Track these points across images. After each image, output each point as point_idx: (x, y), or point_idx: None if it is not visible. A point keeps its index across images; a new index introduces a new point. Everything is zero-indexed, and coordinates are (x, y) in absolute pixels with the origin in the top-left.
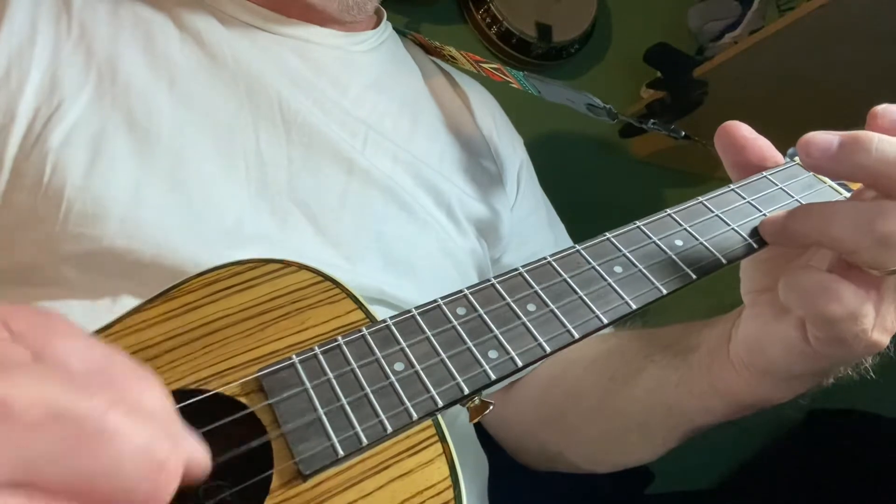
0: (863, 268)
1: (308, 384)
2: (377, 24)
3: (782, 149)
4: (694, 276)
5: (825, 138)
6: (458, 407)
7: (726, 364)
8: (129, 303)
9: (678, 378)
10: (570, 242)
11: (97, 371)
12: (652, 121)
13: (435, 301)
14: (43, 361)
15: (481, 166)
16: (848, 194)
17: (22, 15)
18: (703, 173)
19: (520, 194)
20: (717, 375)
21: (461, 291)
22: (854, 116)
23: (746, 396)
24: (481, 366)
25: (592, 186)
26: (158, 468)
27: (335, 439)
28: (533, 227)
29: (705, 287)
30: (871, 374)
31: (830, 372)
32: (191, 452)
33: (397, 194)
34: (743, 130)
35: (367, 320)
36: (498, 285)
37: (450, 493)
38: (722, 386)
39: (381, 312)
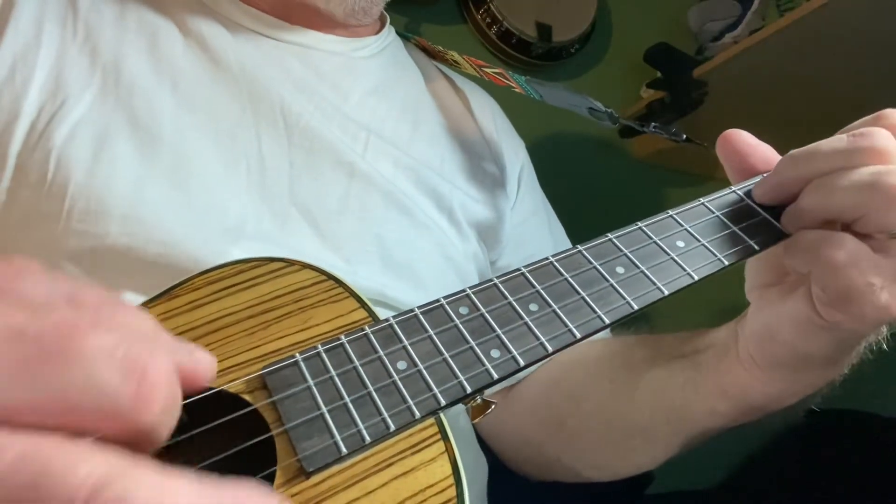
0: (872, 234)
1: (311, 382)
2: (380, 30)
3: (783, 148)
4: (695, 278)
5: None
6: (458, 407)
7: (735, 363)
8: (130, 300)
9: (684, 380)
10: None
11: (64, 298)
12: (654, 124)
13: (437, 300)
14: (2, 295)
15: (483, 169)
16: None
17: (28, 15)
18: (703, 173)
19: (519, 196)
20: (725, 375)
21: (464, 291)
22: (853, 116)
23: (755, 395)
24: (483, 365)
25: (592, 186)
26: (141, 373)
27: (338, 437)
28: (531, 231)
29: (707, 288)
30: (886, 346)
31: (842, 356)
32: (187, 357)
33: (398, 199)
34: (745, 137)
35: (370, 319)
36: (500, 285)
37: (452, 492)
38: (730, 386)
39: (381, 314)
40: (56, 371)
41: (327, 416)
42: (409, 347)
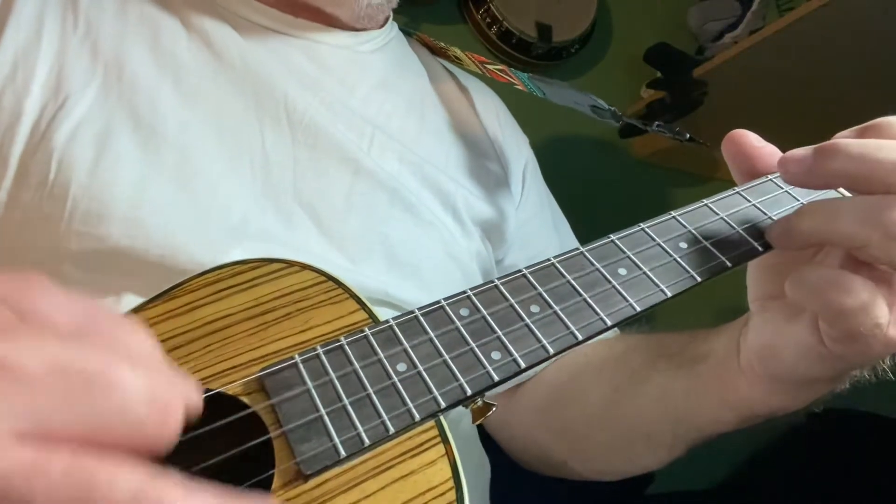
0: (874, 264)
1: (310, 384)
2: (383, 24)
3: (783, 148)
4: (698, 279)
5: (800, 152)
6: (461, 409)
7: (737, 375)
8: (132, 301)
9: (685, 388)
10: (575, 243)
11: (83, 323)
12: (657, 123)
13: (438, 302)
14: (30, 321)
15: (487, 167)
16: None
17: (28, 11)
18: (703, 173)
19: (524, 194)
20: (727, 387)
21: (465, 292)
22: (853, 116)
23: (759, 406)
24: (484, 367)
25: (593, 186)
26: (164, 407)
27: (337, 440)
28: (537, 228)
29: (710, 289)
30: (891, 374)
31: (846, 375)
32: (188, 392)
33: (403, 196)
34: (751, 139)
35: (370, 321)
36: (501, 286)
37: (452, 495)
38: (733, 398)
39: (384, 314)
40: (98, 400)
41: (326, 419)
42: (409, 349)
